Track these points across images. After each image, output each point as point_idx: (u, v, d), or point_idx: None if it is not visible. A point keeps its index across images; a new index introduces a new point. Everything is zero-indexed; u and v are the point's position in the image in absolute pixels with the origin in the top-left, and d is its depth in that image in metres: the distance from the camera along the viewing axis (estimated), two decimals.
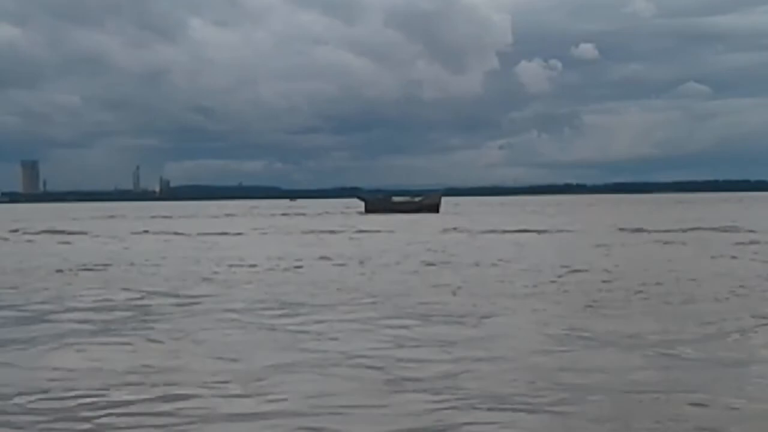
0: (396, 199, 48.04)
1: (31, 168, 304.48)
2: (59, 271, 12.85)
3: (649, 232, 21.59)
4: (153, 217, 47.00)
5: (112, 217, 48.86)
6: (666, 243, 17.56)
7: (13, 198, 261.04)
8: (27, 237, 25.54)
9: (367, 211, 46.28)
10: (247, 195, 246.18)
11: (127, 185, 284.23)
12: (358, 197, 52.63)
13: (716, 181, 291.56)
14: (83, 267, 13.56)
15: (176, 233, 26.21)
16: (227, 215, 48.82)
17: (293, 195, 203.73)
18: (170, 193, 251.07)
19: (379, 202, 48.02)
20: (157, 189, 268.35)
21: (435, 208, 45.08)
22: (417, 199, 47.40)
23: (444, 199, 49.43)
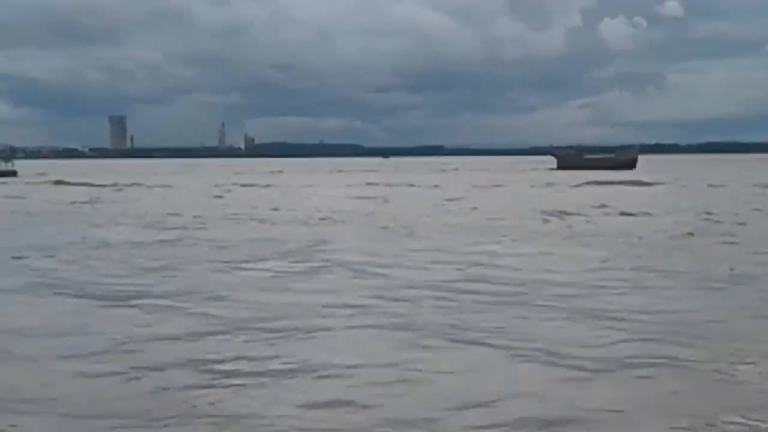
0: (588, 156, 48.04)
1: (118, 123, 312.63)
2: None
3: None
4: (370, 171, 47.68)
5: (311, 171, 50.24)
6: None
7: (102, 153, 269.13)
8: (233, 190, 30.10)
9: (560, 167, 46.52)
10: (329, 153, 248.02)
11: (212, 142, 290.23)
12: (551, 153, 52.89)
13: None
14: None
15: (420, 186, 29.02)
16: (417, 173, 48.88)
17: (380, 153, 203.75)
18: (255, 150, 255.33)
19: (571, 158, 48.25)
20: (242, 146, 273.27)
21: (631, 164, 43.85)
22: (611, 155, 47.06)
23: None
